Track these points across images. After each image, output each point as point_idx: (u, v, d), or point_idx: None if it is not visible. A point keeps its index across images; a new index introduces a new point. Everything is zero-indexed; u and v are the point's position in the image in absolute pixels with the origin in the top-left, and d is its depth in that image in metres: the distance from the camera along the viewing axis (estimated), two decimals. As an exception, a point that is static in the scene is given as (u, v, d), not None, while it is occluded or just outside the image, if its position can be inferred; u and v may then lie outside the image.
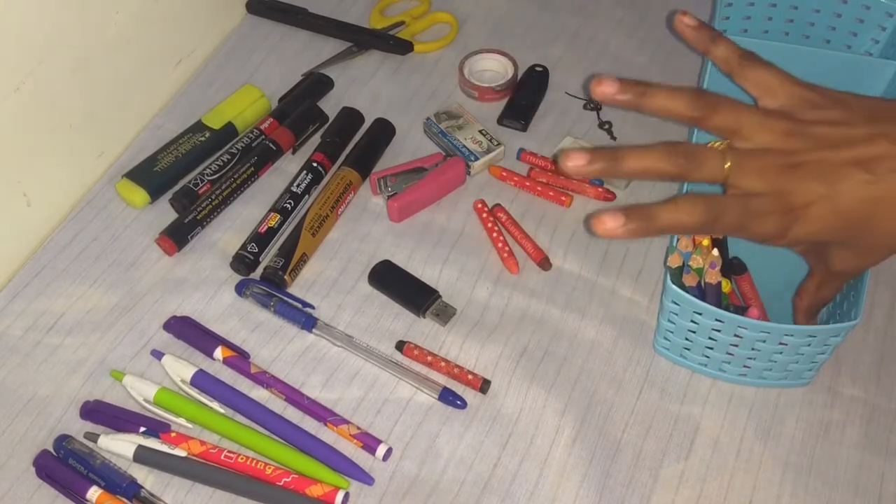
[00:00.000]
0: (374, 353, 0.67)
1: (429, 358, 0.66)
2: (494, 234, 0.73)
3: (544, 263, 0.72)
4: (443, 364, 0.66)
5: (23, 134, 0.69)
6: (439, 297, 0.70)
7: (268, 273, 0.70)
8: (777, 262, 0.64)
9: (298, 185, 0.75)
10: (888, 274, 0.72)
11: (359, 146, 0.79)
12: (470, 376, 0.65)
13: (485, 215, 0.75)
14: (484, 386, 0.65)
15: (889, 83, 0.71)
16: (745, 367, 0.64)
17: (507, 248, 0.72)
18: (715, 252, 0.62)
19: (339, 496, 0.59)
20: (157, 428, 0.62)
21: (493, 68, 0.85)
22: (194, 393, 0.64)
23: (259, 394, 0.65)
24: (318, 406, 0.64)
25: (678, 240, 0.62)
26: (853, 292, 0.62)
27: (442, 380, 0.66)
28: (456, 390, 0.65)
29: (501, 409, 0.65)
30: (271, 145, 0.78)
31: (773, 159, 0.49)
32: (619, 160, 0.49)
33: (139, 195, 0.75)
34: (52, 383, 0.65)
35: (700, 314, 0.61)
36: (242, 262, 0.71)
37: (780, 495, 0.62)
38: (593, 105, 0.83)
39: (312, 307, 0.69)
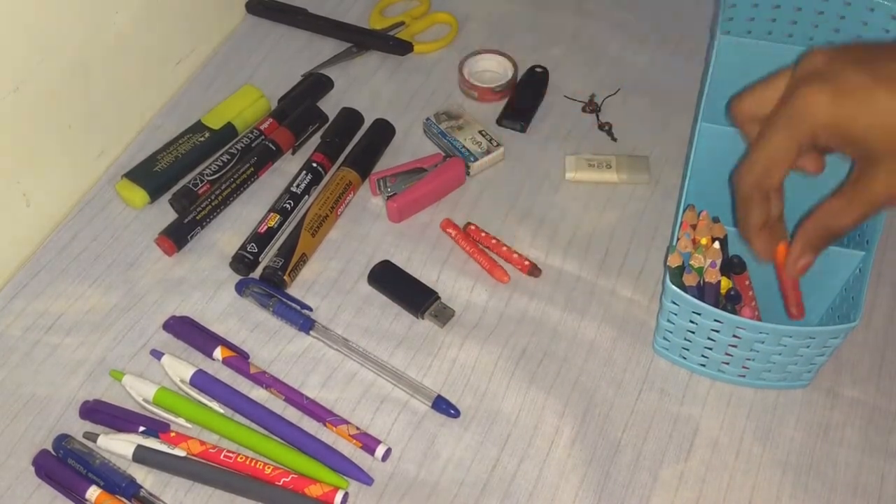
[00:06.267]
0: (370, 359, 0.66)
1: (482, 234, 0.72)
2: (474, 255, 0.72)
3: (534, 272, 0.72)
4: (493, 241, 0.72)
5: (22, 134, 0.69)
6: (438, 298, 0.70)
7: (267, 273, 0.70)
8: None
9: (298, 186, 0.75)
10: (888, 276, 0.72)
11: (358, 146, 0.79)
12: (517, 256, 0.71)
13: (454, 234, 0.73)
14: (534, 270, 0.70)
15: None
16: (744, 367, 0.64)
17: (489, 261, 0.72)
18: (716, 245, 0.61)
19: (339, 496, 0.59)
20: (156, 428, 0.62)
21: (493, 69, 0.85)
22: (194, 393, 0.64)
23: (258, 394, 0.65)
24: (318, 406, 0.64)
25: (678, 240, 0.62)
26: (853, 294, 0.62)
27: (441, 379, 0.66)
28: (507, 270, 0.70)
29: (500, 410, 0.65)
30: (271, 145, 0.78)
31: None
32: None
33: (139, 195, 0.75)
34: (51, 383, 0.65)
35: (699, 314, 0.61)
36: (242, 261, 0.71)
37: (779, 496, 0.62)
38: (592, 107, 0.83)
39: (310, 309, 0.69)
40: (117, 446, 0.61)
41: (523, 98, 0.83)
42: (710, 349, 0.63)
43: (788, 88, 0.52)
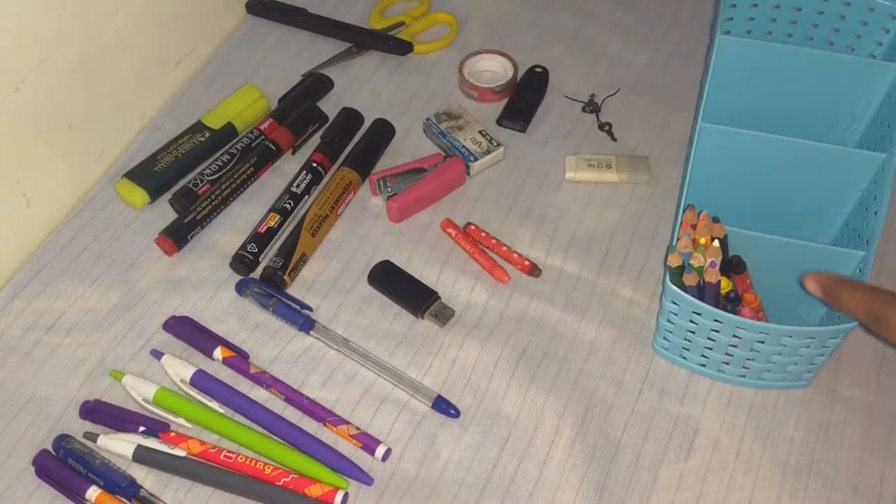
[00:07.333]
0: (371, 359, 0.66)
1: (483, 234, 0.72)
2: (474, 255, 0.72)
3: (534, 272, 0.72)
4: (493, 242, 0.71)
5: (23, 134, 0.69)
6: (438, 298, 0.70)
7: (267, 273, 0.70)
8: (778, 261, 0.64)
9: (298, 186, 0.75)
10: (887, 276, 0.72)
11: (358, 146, 0.79)
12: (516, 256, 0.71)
13: (454, 234, 0.74)
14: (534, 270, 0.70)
15: (891, 86, 0.71)
16: (744, 367, 0.64)
17: (489, 260, 0.72)
18: (716, 244, 0.61)
19: (339, 496, 0.59)
20: (156, 427, 0.62)
21: (493, 69, 0.85)
22: (194, 393, 0.64)
23: (258, 394, 0.65)
24: (318, 406, 0.64)
25: (678, 240, 0.62)
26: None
27: (441, 379, 0.66)
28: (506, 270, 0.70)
29: (500, 410, 0.65)
30: (271, 145, 0.78)
31: None
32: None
33: (139, 195, 0.75)
34: (51, 383, 0.65)
35: (699, 314, 0.61)
36: (242, 261, 0.71)
37: (779, 496, 0.62)
38: (592, 107, 0.83)
39: (310, 309, 0.69)
40: (117, 446, 0.61)
41: (523, 98, 0.83)
42: (710, 349, 0.63)
43: None
